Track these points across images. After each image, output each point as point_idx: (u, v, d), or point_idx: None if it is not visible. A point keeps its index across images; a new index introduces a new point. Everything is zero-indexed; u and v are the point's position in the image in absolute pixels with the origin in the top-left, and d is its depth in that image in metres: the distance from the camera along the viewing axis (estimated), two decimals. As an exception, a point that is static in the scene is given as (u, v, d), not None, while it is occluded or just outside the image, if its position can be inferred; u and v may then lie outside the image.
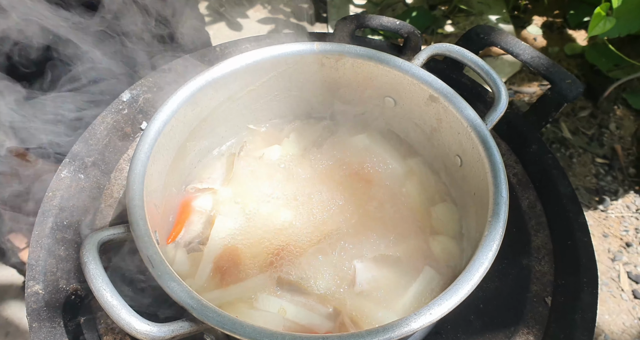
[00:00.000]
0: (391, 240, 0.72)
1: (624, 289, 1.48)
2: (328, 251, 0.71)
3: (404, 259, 0.71)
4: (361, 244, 0.72)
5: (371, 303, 0.67)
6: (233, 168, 0.78)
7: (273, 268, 0.70)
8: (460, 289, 0.54)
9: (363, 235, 0.72)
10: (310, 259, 0.70)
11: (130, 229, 0.56)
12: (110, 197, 0.72)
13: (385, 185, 0.78)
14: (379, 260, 0.70)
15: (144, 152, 0.62)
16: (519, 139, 0.80)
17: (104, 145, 0.76)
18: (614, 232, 1.59)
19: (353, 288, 0.68)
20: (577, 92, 0.75)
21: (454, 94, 0.70)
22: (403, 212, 0.75)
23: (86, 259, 0.52)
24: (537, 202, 0.74)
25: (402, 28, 0.87)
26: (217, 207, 0.75)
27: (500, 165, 0.63)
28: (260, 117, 0.84)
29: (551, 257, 0.69)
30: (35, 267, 0.62)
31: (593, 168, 1.72)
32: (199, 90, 0.70)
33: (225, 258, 0.69)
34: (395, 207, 0.76)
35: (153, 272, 0.54)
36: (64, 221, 0.67)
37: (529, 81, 1.90)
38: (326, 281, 0.69)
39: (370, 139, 0.83)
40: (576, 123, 1.80)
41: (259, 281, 0.68)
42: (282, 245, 0.71)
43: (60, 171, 0.71)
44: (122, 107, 0.79)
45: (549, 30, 2.00)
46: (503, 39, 0.83)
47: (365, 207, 0.76)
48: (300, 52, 0.74)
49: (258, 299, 0.66)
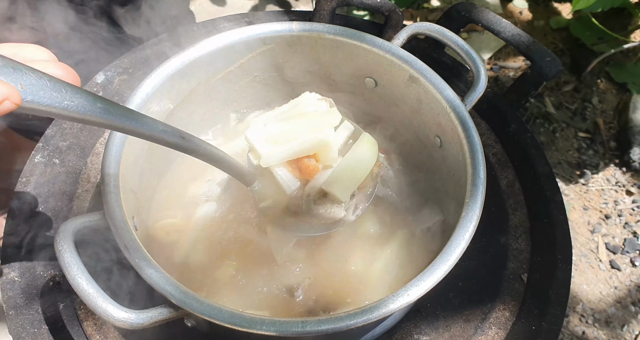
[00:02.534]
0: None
1: (602, 260, 1.52)
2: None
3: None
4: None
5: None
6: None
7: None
8: (437, 270, 0.55)
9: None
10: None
11: (106, 215, 0.56)
12: (87, 182, 0.71)
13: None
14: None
15: (118, 137, 0.61)
16: (498, 118, 0.80)
17: (79, 128, 0.74)
18: (594, 205, 1.62)
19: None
20: (557, 70, 0.75)
21: (433, 75, 0.70)
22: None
23: (60, 247, 0.52)
24: (515, 181, 0.75)
25: (384, 6, 0.86)
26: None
27: (478, 147, 0.63)
28: (240, 101, 0.83)
29: (528, 235, 0.70)
30: (10, 254, 0.62)
31: (575, 142, 1.73)
32: (174, 73, 0.69)
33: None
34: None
35: (130, 259, 0.53)
36: (40, 207, 0.67)
37: (514, 56, 1.89)
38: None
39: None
40: (560, 98, 1.80)
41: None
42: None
43: (34, 156, 0.69)
44: (97, 90, 0.78)
45: (535, 4, 1.98)
46: (484, 17, 0.82)
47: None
48: (279, 32, 0.72)
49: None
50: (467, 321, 0.66)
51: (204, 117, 0.80)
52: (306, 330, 0.51)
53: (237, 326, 0.50)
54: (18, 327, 0.58)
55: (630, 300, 1.47)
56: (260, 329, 0.51)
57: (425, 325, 0.67)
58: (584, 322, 1.44)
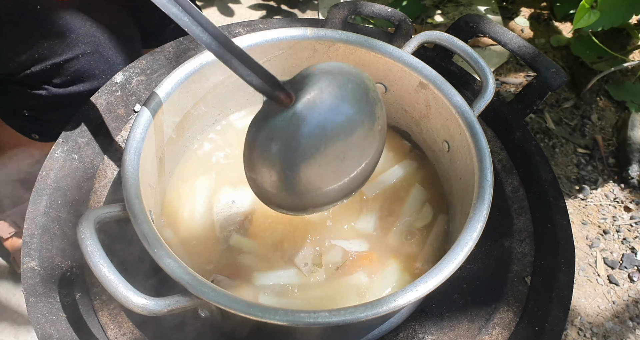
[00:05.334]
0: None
1: (600, 274, 1.54)
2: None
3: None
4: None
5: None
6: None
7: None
8: (446, 267, 0.57)
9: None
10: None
11: (126, 207, 0.58)
12: (104, 178, 0.73)
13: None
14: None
15: (139, 132, 0.63)
16: (504, 126, 0.82)
17: (97, 126, 0.77)
18: (593, 220, 1.65)
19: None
20: (561, 81, 0.78)
21: (443, 81, 0.72)
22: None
23: (83, 235, 0.53)
24: (520, 187, 0.77)
25: (394, 16, 0.89)
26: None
27: (486, 151, 0.66)
28: (254, 104, 0.85)
29: (532, 239, 0.72)
30: (30, 244, 0.63)
31: (575, 158, 1.76)
32: (192, 74, 0.71)
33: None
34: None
35: (149, 249, 0.55)
36: (58, 200, 0.68)
37: (515, 72, 1.93)
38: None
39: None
40: (560, 114, 1.83)
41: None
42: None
43: (54, 151, 0.71)
44: (115, 89, 0.80)
45: (536, 22, 2.02)
46: (491, 28, 0.85)
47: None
48: (294, 37, 0.75)
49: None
50: (471, 321, 0.68)
51: (218, 118, 0.83)
52: (317, 322, 0.53)
53: (250, 315, 0.52)
54: (37, 313, 0.59)
55: (628, 315, 1.49)
56: (273, 318, 0.52)
57: (430, 325, 0.68)
58: (582, 336, 1.45)
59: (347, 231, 0.74)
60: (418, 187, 0.78)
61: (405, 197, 0.77)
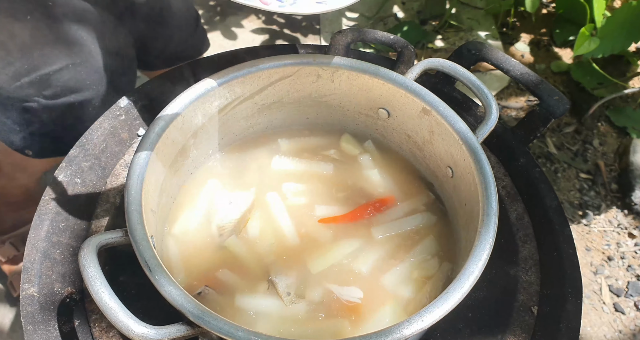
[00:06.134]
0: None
1: (605, 302, 1.51)
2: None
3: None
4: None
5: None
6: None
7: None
8: (451, 297, 0.56)
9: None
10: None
11: (128, 233, 0.57)
12: (107, 202, 0.73)
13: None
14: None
15: (142, 157, 0.63)
16: (507, 152, 0.82)
17: (101, 150, 0.77)
18: (597, 246, 1.63)
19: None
20: (564, 108, 0.78)
21: (446, 108, 0.73)
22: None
23: (85, 261, 0.53)
24: (524, 214, 0.76)
25: (396, 42, 0.90)
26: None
27: (490, 178, 0.65)
28: (255, 126, 0.85)
29: (538, 267, 0.71)
30: (30, 270, 0.63)
31: (577, 183, 1.76)
32: (197, 99, 0.71)
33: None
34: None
35: (150, 276, 0.54)
36: (60, 225, 0.68)
37: (516, 96, 1.95)
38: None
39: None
40: (561, 139, 1.84)
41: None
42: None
43: (57, 175, 0.71)
44: (120, 113, 0.80)
45: (536, 48, 2.05)
46: (493, 56, 0.86)
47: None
48: (299, 63, 0.76)
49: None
50: (477, 352, 0.66)
51: (222, 142, 0.83)
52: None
53: (252, 345, 0.51)
54: (34, 342, 0.58)
55: (634, 345, 1.46)
56: (276, 349, 0.51)
57: (435, 355, 0.67)
58: (588, 365, 1.42)
59: (343, 267, 0.71)
60: (431, 240, 0.75)
61: (414, 246, 0.74)
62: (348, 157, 0.85)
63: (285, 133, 0.87)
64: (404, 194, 0.80)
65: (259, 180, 0.81)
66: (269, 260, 0.72)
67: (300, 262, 0.72)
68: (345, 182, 0.81)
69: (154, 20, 1.13)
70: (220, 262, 0.72)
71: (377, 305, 0.67)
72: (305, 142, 0.86)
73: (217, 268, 0.71)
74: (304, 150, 0.85)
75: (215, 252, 0.73)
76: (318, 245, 0.74)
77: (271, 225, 0.75)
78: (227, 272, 0.70)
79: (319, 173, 0.82)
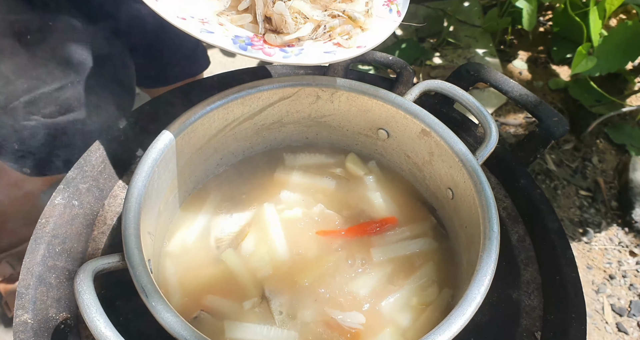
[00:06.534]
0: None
1: (608, 322, 1.49)
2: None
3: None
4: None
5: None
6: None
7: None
8: (453, 324, 0.55)
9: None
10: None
11: (125, 258, 0.56)
12: (104, 224, 0.72)
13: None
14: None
15: (140, 180, 0.63)
16: (508, 173, 0.82)
17: (99, 171, 0.76)
18: (598, 264, 1.62)
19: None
20: (564, 130, 0.78)
21: (445, 129, 0.73)
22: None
23: (80, 288, 0.52)
24: (526, 236, 0.76)
25: (395, 63, 0.90)
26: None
27: (491, 201, 0.65)
28: (255, 146, 0.85)
29: (540, 291, 0.70)
30: (25, 296, 0.61)
31: (577, 200, 1.75)
32: (196, 120, 0.71)
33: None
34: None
35: (147, 302, 0.53)
36: (56, 248, 0.67)
37: (514, 113, 1.95)
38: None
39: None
40: (560, 156, 1.84)
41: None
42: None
43: (54, 198, 0.70)
44: (119, 134, 0.80)
45: (534, 65, 2.06)
46: (492, 76, 0.86)
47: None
48: (299, 84, 0.76)
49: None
50: (480, 379, 0.65)
51: (220, 162, 0.82)
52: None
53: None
54: (26, 371, 0.57)
55: (640, 366, 1.44)
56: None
57: (437, 382, 0.65)
58: (592, 387, 1.40)
59: (338, 289, 0.70)
60: (431, 266, 0.74)
61: (414, 271, 0.73)
62: (353, 177, 0.84)
63: (290, 149, 0.87)
64: (407, 218, 0.79)
65: (260, 195, 0.81)
66: (264, 277, 0.71)
67: (296, 281, 0.71)
68: (348, 202, 0.81)
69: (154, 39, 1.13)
70: (216, 278, 0.71)
71: (375, 332, 0.66)
72: (310, 158, 0.87)
73: (213, 285, 0.70)
74: (309, 166, 0.85)
75: (211, 266, 0.72)
76: (315, 265, 0.73)
77: (269, 242, 0.75)
78: (218, 298, 0.69)
79: (322, 190, 0.82)
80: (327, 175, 0.84)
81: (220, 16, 0.67)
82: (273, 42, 0.66)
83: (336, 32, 0.67)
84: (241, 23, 0.67)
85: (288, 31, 0.65)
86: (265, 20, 0.66)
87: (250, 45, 0.64)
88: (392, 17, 0.70)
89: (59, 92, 0.87)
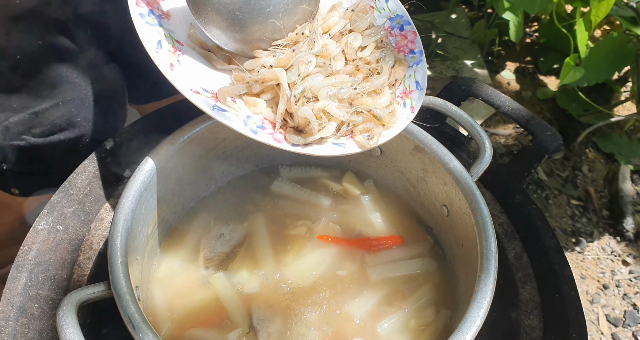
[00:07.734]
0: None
1: (603, 333, 1.48)
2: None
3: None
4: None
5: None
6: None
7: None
8: (453, 349, 0.53)
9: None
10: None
11: (112, 287, 0.54)
12: (90, 249, 0.70)
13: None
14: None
15: (127, 205, 0.61)
16: (502, 189, 0.81)
17: (85, 194, 0.74)
18: (591, 274, 1.61)
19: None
20: (557, 145, 0.77)
21: (439, 146, 0.72)
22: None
23: (63, 321, 0.49)
24: (523, 254, 0.75)
25: (387, 79, 0.89)
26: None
27: (487, 219, 0.64)
28: (246, 164, 0.83)
29: (539, 310, 0.69)
30: (4, 329, 0.58)
31: (569, 209, 1.75)
32: (185, 141, 0.70)
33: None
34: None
35: (134, 334, 0.51)
36: (39, 276, 0.64)
37: (504, 123, 1.96)
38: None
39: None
40: (551, 165, 1.84)
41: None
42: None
43: (38, 223, 0.68)
44: (105, 156, 0.78)
45: (522, 75, 2.08)
46: (484, 91, 0.85)
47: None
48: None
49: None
50: (481, 402, 0.63)
51: (210, 182, 0.80)
52: None
53: None
54: None
55: (636, 378, 1.43)
56: None
57: None
58: (590, 400, 1.38)
59: (334, 312, 0.68)
60: (430, 288, 0.72)
61: (411, 293, 0.71)
62: (350, 196, 0.83)
63: (286, 162, 0.86)
64: (405, 238, 0.78)
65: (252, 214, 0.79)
66: (253, 302, 0.69)
67: (288, 306, 0.68)
68: (347, 223, 0.79)
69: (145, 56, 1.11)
70: (204, 304, 0.69)
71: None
72: (305, 172, 0.85)
73: (201, 311, 0.68)
74: (305, 180, 0.84)
75: (199, 291, 0.70)
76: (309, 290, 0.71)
77: (259, 263, 0.72)
78: (203, 331, 0.66)
79: (318, 206, 0.81)
80: (323, 192, 0.82)
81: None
82: (296, 143, 0.62)
83: (358, 129, 0.64)
84: (255, 111, 0.63)
85: (311, 132, 0.62)
86: (286, 114, 0.62)
87: (261, 129, 0.62)
88: (406, 112, 0.68)
89: (50, 111, 0.85)
